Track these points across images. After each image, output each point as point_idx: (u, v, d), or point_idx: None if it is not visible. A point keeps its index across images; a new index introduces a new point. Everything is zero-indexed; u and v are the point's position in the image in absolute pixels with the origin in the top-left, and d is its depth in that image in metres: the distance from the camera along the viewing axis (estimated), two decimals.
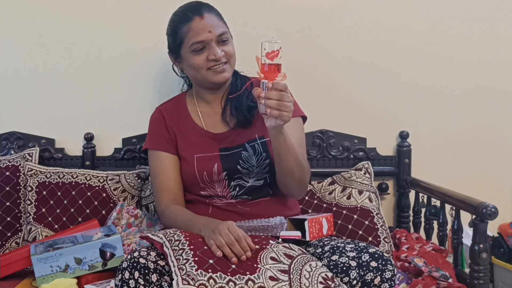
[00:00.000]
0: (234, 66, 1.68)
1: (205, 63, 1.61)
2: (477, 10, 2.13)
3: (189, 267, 1.26)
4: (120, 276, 1.30)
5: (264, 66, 1.40)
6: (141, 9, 2.09)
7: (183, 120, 1.72)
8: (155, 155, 1.70)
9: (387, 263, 1.34)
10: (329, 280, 1.30)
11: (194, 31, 1.60)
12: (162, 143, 1.70)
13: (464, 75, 2.15)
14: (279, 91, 1.39)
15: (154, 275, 1.30)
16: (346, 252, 1.38)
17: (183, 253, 1.30)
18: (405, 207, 2.10)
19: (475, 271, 1.58)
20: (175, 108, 1.75)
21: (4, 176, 1.93)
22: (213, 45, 1.60)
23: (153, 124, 1.76)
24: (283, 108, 1.39)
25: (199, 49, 1.61)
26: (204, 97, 1.73)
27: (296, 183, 1.58)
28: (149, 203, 1.92)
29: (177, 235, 1.37)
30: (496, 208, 1.56)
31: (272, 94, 1.39)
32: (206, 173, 1.62)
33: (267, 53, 1.39)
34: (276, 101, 1.38)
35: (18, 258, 1.64)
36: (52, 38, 2.09)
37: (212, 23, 1.61)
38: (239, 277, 1.26)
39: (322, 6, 2.11)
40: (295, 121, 1.65)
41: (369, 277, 1.33)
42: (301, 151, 1.63)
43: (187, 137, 1.69)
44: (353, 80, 2.13)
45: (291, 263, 1.33)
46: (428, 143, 2.15)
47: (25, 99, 2.10)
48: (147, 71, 2.11)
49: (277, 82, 1.40)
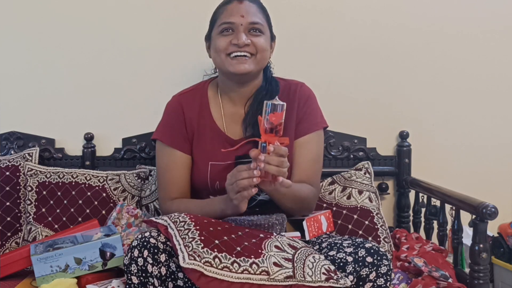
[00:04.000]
0: (261, 63, 1.56)
1: (226, 47, 1.52)
2: (478, 9, 2.13)
3: (195, 245, 1.25)
4: (129, 254, 1.30)
5: (266, 128, 1.32)
6: (142, 9, 2.09)
7: (204, 117, 1.63)
8: (168, 151, 1.62)
9: (382, 258, 1.34)
10: (332, 272, 1.30)
11: (227, 12, 1.54)
12: (178, 140, 1.61)
13: (464, 75, 2.15)
14: (279, 157, 1.31)
15: (163, 255, 1.29)
16: (344, 248, 1.38)
17: (189, 233, 1.29)
18: (405, 207, 2.10)
19: (475, 271, 1.58)
20: (195, 100, 1.64)
21: (4, 176, 1.93)
22: (241, 30, 1.51)
23: (170, 115, 1.65)
24: (281, 174, 1.32)
25: (225, 30, 1.53)
26: (229, 94, 1.63)
27: (298, 212, 1.58)
28: (149, 202, 1.92)
29: (182, 217, 1.35)
30: (496, 208, 1.56)
31: (272, 159, 1.30)
32: (219, 183, 1.57)
33: (271, 114, 1.31)
34: (276, 168, 1.31)
35: (18, 258, 1.64)
36: (52, 38, 2.10)
37: (248, 10, 1.53)
38: (244, 259, 1.26)
39: (322, 6, 2.11)
40: (317, 135, 1.63)
41: (365, 272, 1.33)
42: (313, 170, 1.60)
43: (205, 139, 1.61)
44: (353, 80, 2.13)
45: (294, 253, 1.33)
46: (428, 143, 2.15)
47: (25, 99, 2.11)
48: (147, 71, 2.11)
49: (278, 147, 1.31)
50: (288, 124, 1.57)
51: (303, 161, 1.60)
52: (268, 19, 1.60)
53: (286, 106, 1.34)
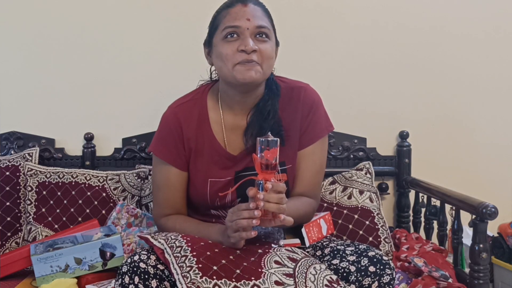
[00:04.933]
0: (267, 73, 1.46)
1: (234, 55, 1.40)
2: (478, 9, 2.13)
3: (194, 275, 1.24)
4: (120, 280, 1.28)
5: (262, 165, 1.28)
6: (142, 9, 2.10)
7: (203, 132, 1.53)
8: (163, 167, 1.53)
9: (385, 267, 1.33)
10: (334, 283, 1.29)
11: (231, 15, 1.43)
12: (174, 157, 1.52)
13: (465, 75, 2.15)
14: (278, 194, 1.27)
15: (154, 281, 1.27)
16: (347, 256, 1.37)
17: (186, 260, 1.27)
18: (405, 207, 2.10)
19: (475, 271, 1.58)
20: (193, 113, 1.54)
21: (4, 176, 1.93)
22: (247, 35, 1.40)
23: (166, 130, 1.54)
24: (280, 211, 1.27)
25: (230, 35, 1.41)
26: (230, 104, 1.53)
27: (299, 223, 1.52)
28: (149, 202, 1.92)
29: (178, 241, 1.33)
30: (496, 208, 1.56)
31: (272, 197, 1.26)
32: (219, 199, 1.52)
33: (266, 151, 1.27)
34: (276, 205, 1.27)
35: (18, 258, 1.64)
36: (52, 38, 2.10)
37: (254, 13, 1.43)
38: (244, 283, 1.24)
39: (322, 6, 2.11)
40: (322, 143, 1.56)
41: (367, 282, 1.31)
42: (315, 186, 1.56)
43: (203, 156, 1.53)
44: (353, 80, 2.13)
45: (295, 266, 1.31)
46: (428, 143, 2.15)
47: (25, 99, 2.11)
48: (147, 71, 2.11)
49: (276, 184, 1.28)
50: (291, 134, 1.52)
51: (306, 173, 1.54)
52: (273, 24, 1.51)
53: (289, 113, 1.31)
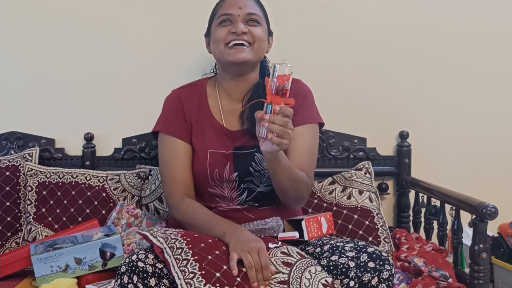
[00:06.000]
0: (259, 53, 1.60)
1: (226, 37, 1.57)
2: (478, 9, 2.13)
3: (197, 282, 1.25)
4: (119, 280, 1.29)
5: (272, 89, 1.33)
6: (142, 9, 2.09)
7: (202, 111, 1.66)
8: (169, 141, 1.62)
9: (384, 263, 1.33)
10: (329, 286, 1.29)
11: (226, 5, 1.60)
12: (178, 130, 1.63)
13: (465, 75, 2.15)
14: (285, 117, 1.33)
15: (153, 279, 1.29)
16: (346, 252, 1.38)
17: (188, 265, 1.28)
18: (405, 207, 2.10)
19: (475, 271, 1.58)
20: (194, 96, 1.68)
21: (4, 176, 1.93)
22: (238, 20, 1.57)
23: (169, 107, 1.67)
24: (285, 135, 1.33)
25: (224, 22, 1.58)
26: (227, 89, 1.66)
27: (292, 199, 1.56)
28: (149, 202, 1.92)
29: (178, 241, 1.34)
30: (496, 208, 1.56)
31: (278, 119, 1.32)
32: (218, 171, 1.58)
33: (278, 76, 1.32)
34: (281, 127, 1.32)
35: (18, 258, 1.64)
36: (52, 38, 2.10)
37: (246, 3, 1.60)
38: None
39: (322, 6, 2.11)
40: (311, 128, 1.63)
41: (367, 278, 1.32)
42: (308, 161, 1.59)
43: (203, 130, 1.63)
44: (353, 79, 2.13)
45: (290, 271, 1.32)
46: (428, 143, 2.15)
47: (25, 99, 2.11)
48: (147, 71, 2.11)
49: (284, 108, 1.33)
50: None
51: (298, 151, 1.58)
52: (265, 14, 1.65)
53: None
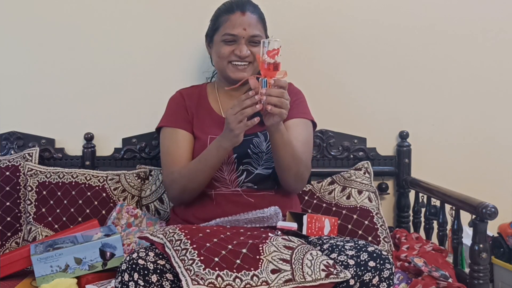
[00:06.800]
0: (257, 68, 1.66)
1: (229, 55, 1.67)
2: (477, 9, 2.13)
3: (197, 267, 1.26)
4: (120, 278, 1.30)
5: (264, 64, 1.43)
6: (142, 10, 2.09)
7: (202, 104, 1.77)
8: (170, 132, 1.73)
9: (385, 262, 1.34)
10: (331, 267, 1.30)
11: (231, 23, 1.67)
12: (179, 121, 1.73)
13: (464, 75, 2.15)
14: (280, 88, 1.43)
15: (154, 276, 1.30)
16: (345, 251, 1.38)
17: (187, 253, 1.30)
18: (405, 207, 2.10)
19: (475, 271, 1.58)
20: (195, 93, 1.80)
21: (4, 176, 1.93)
22: (242, 42, 1.66)
23: (172, 104, 1.79)
24: (283, 105, 1.43)
25: (228, 41, 1.67)
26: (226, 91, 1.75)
27: (293, 177, 1.62)
28: (149, 203, 1.92)
29: (177, 234, 1.37)
30: (496, 208, 1.56)
31: (273, 91, 1.43)
32: None
33: (268, 51, 1.42)
34: (278, 98, 1.43)
35: (18, 258, 1.64)
36: (52, 38, 2.09)
37: (250, 22, 1.67)
38: (245, 273, 1.27)
39: (322, 6, 2.11)
40: (305, 122, 1.73)
41: (367, 277, 1.32)
42: (304, 149, 1.66)
43: (203, 120, 1.73)
44: (353, 80, 2.13)
45: (292, 253, 1.33)
46: (428, 143, 2.15)
47: (25, 99, 2.10)
48: (147, 71, 2.11)
49: (278, 79, 1.44)
50: None
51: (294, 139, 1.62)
52: (265, 27, 1.73)
53: None
